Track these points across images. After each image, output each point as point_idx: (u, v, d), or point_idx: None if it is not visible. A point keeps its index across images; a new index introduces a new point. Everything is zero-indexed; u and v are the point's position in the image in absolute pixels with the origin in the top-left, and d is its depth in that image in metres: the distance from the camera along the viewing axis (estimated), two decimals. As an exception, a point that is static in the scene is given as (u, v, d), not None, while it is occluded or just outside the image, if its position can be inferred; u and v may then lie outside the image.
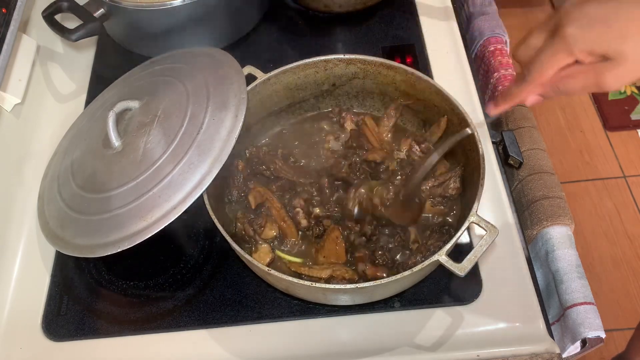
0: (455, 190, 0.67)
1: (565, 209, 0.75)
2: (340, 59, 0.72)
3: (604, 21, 0.43)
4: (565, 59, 0.46)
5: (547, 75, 0.48)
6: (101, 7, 0.84)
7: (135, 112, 0.69)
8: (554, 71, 0.48)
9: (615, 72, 0.45)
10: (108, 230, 0.61)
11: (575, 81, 0.47)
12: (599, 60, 0.45)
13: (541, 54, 0.48)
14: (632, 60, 0.44)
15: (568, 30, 0.44)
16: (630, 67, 0.44)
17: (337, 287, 0.55)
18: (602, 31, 0.44)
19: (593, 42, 0.44)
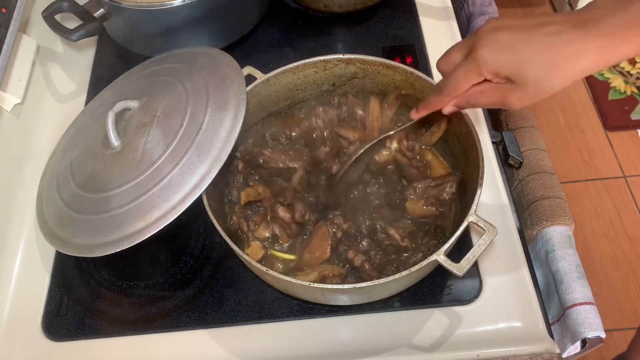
0: (449, 195, 0.67)
1: (565, 209, 0.75)
2: (340, 59, 0.72)
3: (512, 48, 0.48)
4: (475, 78, 0.52)
5: (460, 89, 0.54)
6: (101, 7, 0.84)
7: (134, 112, 0.69)
8: (466, 87, 0.54)
9: (517, 95, 0.50)
10: (107, 230, 0.61)
11: (484, 97, 0.53)
12: (505, 82, 0.50)
13: (456, 71, 0.53)
14: (532, 86, 0.49)
15: (480, 52, 0.50)
16: (530, 91, 0.49)
17: (336, 287, 0.55)
18: (509, 57, 0.48)
19: (500, 66, 0.49)
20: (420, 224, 0.68)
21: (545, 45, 0.47)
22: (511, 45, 0.48)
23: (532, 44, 0.47)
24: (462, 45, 0.54)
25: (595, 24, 0.46)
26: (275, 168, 0.70)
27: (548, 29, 0.47)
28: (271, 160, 0.70)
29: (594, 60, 0.46)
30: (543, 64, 0.47)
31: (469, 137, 0.65)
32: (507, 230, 0.71)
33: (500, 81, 0.51)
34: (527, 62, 0.48)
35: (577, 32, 0.46)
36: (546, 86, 0.49)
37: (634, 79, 1.96)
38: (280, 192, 0.69)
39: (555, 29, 0.47)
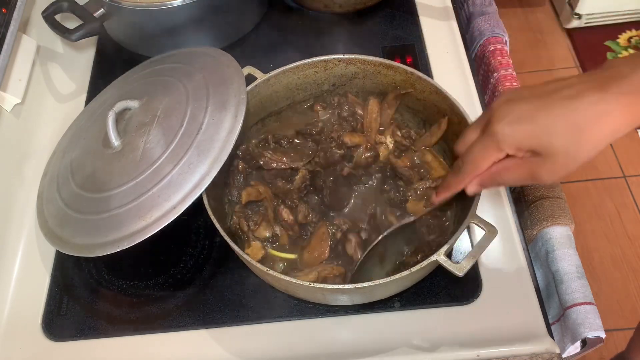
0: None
1: (565, 209, 0.75)
2: (340, 59, 0.72)
3: (531, 118, 0.45)
4: (495, 155, 0.48)
5: (480, 168, 0.50)
6: (101, 7, 0.84)
7: (134, 112, 0.69)
8: (487, 165, 0.49)
9: (547, 167, 0.46)
10: (107, 230, 0.61)
11: (512, 174, 0.49)
12: (531, 155, 0.46)
13: (473, 149, 0.50)
14: (561, 157, 0.45)
15: (496, 127, 0.46)
16: (561, 162, 0.45)
17: (336, 287, 0.55)
18: (529, 128, 0.45)
19: (521, 138, 0.46)
20: (422, 221, 0.68)
21: (566, 111, 0.44)
22: (529, 115, 0.45)
23: (552, 111, 0.44)
24: (477, 123, 0.51)
25: (617, 82, 0.43)
26: (277, 169, 0.70)
27: (566, 92, 0.44)
28: (272, 161, 0.70)
29: (622, 120, 0.43)
30: (568, 130, 0.44)
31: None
32: (507, 230, 0.71)
33: (525, 155, 0.47)
34: (550, 130, 0.44)
35: (598, 93, 0.43)
36: (576, 154, 0.44)
37: (634, 79, 1.96)
38: (284, 193, 0.69)
39: (574, 92, 0.44)
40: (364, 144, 0.72)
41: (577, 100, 0.43)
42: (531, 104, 0.45)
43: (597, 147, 0.44)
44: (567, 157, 0.45)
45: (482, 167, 0.50)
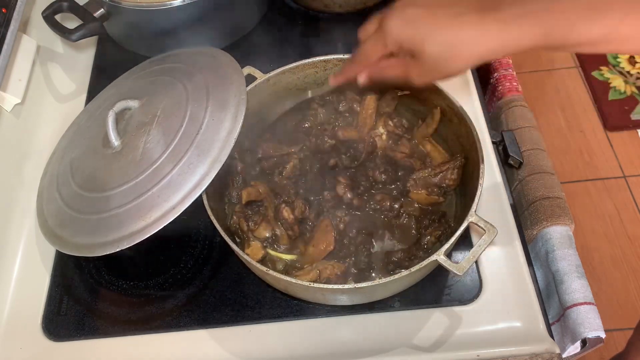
0: (452, 182, 0.67)
1: (565, 209, 0.75)
2: (340, 59, 0.72)
3: (415, 24, 0.51)
4: (382, 49, 0.54)
5: (370, 59, 0.56)
6: (101, 7, 0.84)
7: (134, 112, 0.69)
8: (375, 57, 0.56)
9: (417, 70, 0.53)
10: (107, 230, 0.61)
11: (391, 71, 0.55)
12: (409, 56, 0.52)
13: (366, 42, 0.56)
14: (430, 62, 0.51)
15: (387, 24, 0.52)
16: (428, 67, 0.51)
17: (336, 287, 0.55)
18: (411, 31, 0.51)
19: (402, 38, 0.52)
20: (426, 213, 0.68)
21: (446, 25, 0.49)
22: (415, 20, 0.51)
23: (434, 22, 0.50)
24: (378, 17, 0.56)
25: (495, 10, 0.47)
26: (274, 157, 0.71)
27: (453, 9, 0.49)
28: (269, 150, 0.71)
29: (491, 45, 0.48)
30: (441, 42, 0.49)
31: (469, 137, 0.65)
32: (507, 230, 0.71)
33: (405, 56, 0.53)
34: (427, 38, 0.50)
35: (478, 16, 0.48)
36: (443, 65, 0.50)
37: (634, 79, 1.96)
38: (281, 188, 0.69)
39: (459, 10, 0.49)
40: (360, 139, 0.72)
41: (458, 19, 0.49)
42: (422, 12, 0.51)
43: (463, 65, 0.50)
44: (434, 65, 0.51)
45: (371, 59, 0.56)
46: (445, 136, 0.72)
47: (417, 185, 0.69)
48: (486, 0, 0.49)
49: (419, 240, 0.66)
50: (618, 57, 2.02)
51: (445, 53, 0.50)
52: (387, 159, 0.72)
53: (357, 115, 0.75)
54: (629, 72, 1.98)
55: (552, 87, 1.98)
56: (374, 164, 0.72)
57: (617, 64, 2.00)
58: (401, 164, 0.71)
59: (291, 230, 0.67)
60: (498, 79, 0.92)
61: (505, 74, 0.91)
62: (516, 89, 0.91)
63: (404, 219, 0.68)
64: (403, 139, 0.73)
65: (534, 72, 2.02)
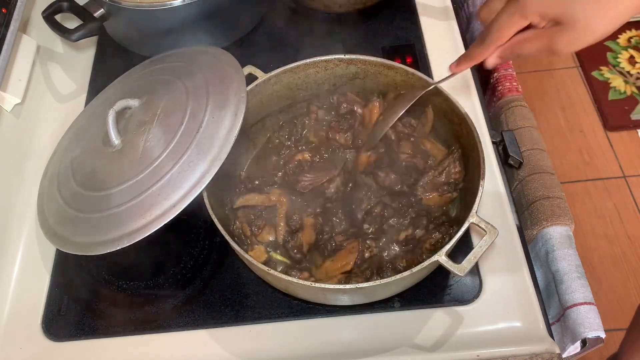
0: (458, 175, 0.67)
1: (565, 209, 0.75)
2: (340, 59, 0.72)
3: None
4: (520, 21, 0.49)
5: (505, 36, 0.51)
6: (101, 7, 0.84)
7: (135, 111, 0.69)
8: (511, 33, 0.51)
9: (565, 37, 0.48)
10: (107, 228, 0.61)
11: (531, 45, 0.50)
12: (552, 24, 0.48)
13: (499, 17, 0.51)
14: (581, 26, 0.47)
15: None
16: (580, 32, 0.47)
17: (337, 287, 0.55)
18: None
19: (545, 5, 0.47)
20: (435, 217, 0.67)
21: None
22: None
23: None
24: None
25: None
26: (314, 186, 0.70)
27: None
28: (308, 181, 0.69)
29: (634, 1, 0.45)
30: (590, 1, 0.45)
31: (469, 138, 0.65)
32: (507, 230, 0.71)
33: (546, 24, 0.48)
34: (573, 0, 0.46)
35: None
36: (594, 26, 0.46)
37: (634, 79, 1.96)
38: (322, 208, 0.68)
39: None
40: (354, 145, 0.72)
41: None
42: None
43: (612, 24, 0.46)
44: (586, 27, 0.46)
45: (506, 36, 0.51)
46: (446, 137, 0.72)
47: (427, 189, 0.68)
48: None
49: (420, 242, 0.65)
50: (618, 57, 2.02)
51: (595, 13, 0.46)
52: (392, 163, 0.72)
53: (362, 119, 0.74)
54: (629, 72, 1.98)
55: (552, 87, 1.99)
56: (384, 172, 0.70)
57: (617, 64, 2.00)
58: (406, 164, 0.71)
59: (299, 252, 0.66)
60: (498, 79, 0.92)
61: (505, 74, 0.91)
62: (516, 89, 0.91)
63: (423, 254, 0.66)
64: (403, 139, 0.73)
65: (534, 72, 2.02)
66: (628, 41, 2.06)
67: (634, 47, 2.05)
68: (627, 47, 2.05)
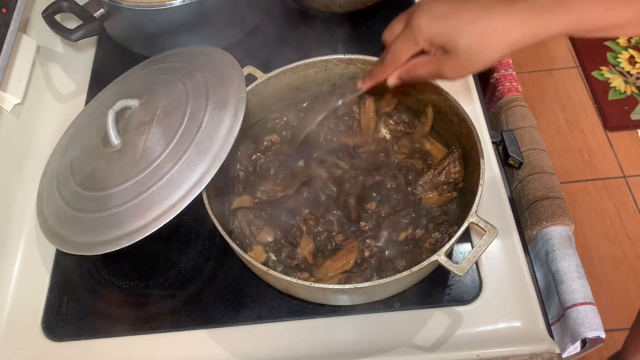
0: (457, 174, 0.67)
1: (565, 209, 0.75)
2: (340, 59, 0.72)
3: (444, 18, 0.51)
4: (412, 47, 0.54)
5: (400, 59, 0.56)
6: (101, 7, 0.84)
7: (134, 111, 0.69)
8: (406, 57, 0.55)
9: (449, 65, 0.52)
10: (107, 228, 0.61)
11: (423, 69, 0.55)
12: (441, 53, 0.52)
13: (396, 41, 0.56)
14: (463, 56, 0.51)
15: (415, 21, 0.52)
16: (462, 62, 0.51)
17: (336, 287, 0.55)
18: (441, 26, 0.51)
19: (433, 34, 0.51)
20: (435, 217, 0.67)
21: (475, 17, 0.49)
22: (444, 15, 0.51)
23: (463, 15, 0.50)
24: (403, 16, 0.56)
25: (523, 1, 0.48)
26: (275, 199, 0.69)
27: (481, 1, 0.50)
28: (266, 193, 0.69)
29: (520, 34, 0.48)
30: (472, 34, 0.49)
31: (469, 137, 0.65)
32: (507, 230, 0.71)
33: (436, 52, 0.53)
34: (457, 31, 0.50)
35: (507, 6, 0.48)
36: (476, 57, 0.50)
37: (634, 79, 1.96)
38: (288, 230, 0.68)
39: (487, 1, 0.49)
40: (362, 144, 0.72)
41: (488, 10, 0.49)
42: (449, 6, 0.51)
43: (495, 55, 0.50)
44: (467, 58, 0.51)
45: (402, 59, 0.56)
46: (446, 138, 0.72)
47: (426, 189, 0.68)
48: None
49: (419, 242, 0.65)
50: (618, 57, 2.02)
51: (477, 45, 0.50)
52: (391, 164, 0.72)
53: (359, 118, 0.75)
54: (629, 72, 1.98)
55: (552, 87, 1.98)
56: (381, 173, 0.70)
57: (617, 64, 2.00)
58: (403, 165, 0.71)
59: (291, 259, 0.66)
60: (498, 79, 0.92)
61: (505, 74, 0.91)
62: (516, 89, 0.91)
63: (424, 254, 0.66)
64: (403, 139, 0.73)
65: (534, 72, 2.02)
66: (628, 41, 2.06)
67: (634, 47, 2.05)
68: (627, 47, 2.05)
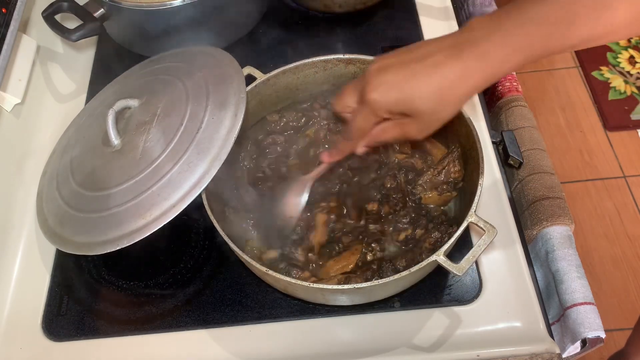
0: (457, 174, 0.67)
1: (565, 209, 0.75)
2: (340, 59, 0.72)
3: (398, 87, 0.51)
4: (373, 119, 0.55)
5: (365, 132, 0.57)
6: (101, 7, 0.84)
7: (134, 111, 0.69)
8: (369, 128, 0.56)
9: (415, 127, 0.53)
10: (107, 228, 0.61)
11: (388, 134, 0.56)
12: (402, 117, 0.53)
13: (356, 118, 0.56)
14: (426, 117, 0.52)
15: (370, 96, 0.52)
16: (426, 121, 0.52)
17: (336, 288, 0.55)
18: (397, 96, 0.51)
19: (391, 105, 0.52)
20: (434, 217, 0.67)
21: (428, 77, 0.49)
22: (396, 85, 0.51)
23: (417, 79, 0.50)
24: (353, 88, 0.56)
25: (471, 47, 0.48)
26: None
27: (427, 61, 0.49)
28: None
29: (476, 81, 0.49)
30: (429, 95, 0.50)
31: (469, 137, 0.65)
32: (507, 230, 0.71)
33: (398, 117, 0.53)
34: (415, 96, 0.50)
35: (455, 60, 0.48)
36: (439, 114, 0.51)
37: (634, 79, 1.96)
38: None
39: (434, 60, 0.49)
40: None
41: (437, 68, 0.49)
42: (399, 73, 0.51)
43: (457, 106, 0.51)
44: (432, 116, 0.52)
45: (366, 132, 0.57)
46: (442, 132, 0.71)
47: (426, 189, 0.69)
48: (455, 38, 0.50)
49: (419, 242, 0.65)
50: (618, 57, 2.02)
51: (437, 103, 0.50)
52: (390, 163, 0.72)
53: None
54: (629, 72, 1.98)
55: (552, 87, 1.99)
56: (381, 173, 0.70)
57: (617, 64, 2.00)
58: (403, 165, 0.71)
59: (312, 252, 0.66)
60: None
61: (505, 74, 0.91)
62: (516, 89, 0.91)
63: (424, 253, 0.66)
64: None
65: (534, 72, 2.02)
66: (628, 41, 2.06)
67: (634, 47, 2.05)
68: (627, 47, 2.05)
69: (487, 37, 0.48)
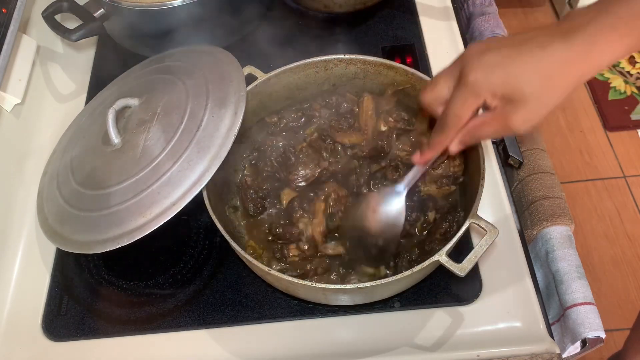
0: (457, 167, 0.67)
1: (565, 209, 0.75)
2: (340, 59, 0.72)
3: (503, 66, 0.47)
4: (474, 103, 0.50)
5: (462, 120, 0.52)
6: (101, 7, 0.84)
7: (134, 110, 0.69)
8: (468, 115, 0.51)
9: (520, 115, 0.48)
10: (107, 227, 0.61)
11: (488, 127, 0.51)
12: (505, 104, 0.48)
13: (453, 102, 0.51)
14: (532, 101, 0.47)
15: (471, 76, 0.48)
16: (533, 107, 0.48)
17: (337, 287, 0.55)
18: (502, 75, 0.47)
19: (495, 84, 0.48)
20: (439, 208, 0.68)
21: (534, 59, 0.46)
22: (501, 64, 0.47)
23: (522, 59, 0.47)
24: (448, 74, 0.52)
25: (578, 32, 0.45)
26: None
27: (533, 43, 0.47)
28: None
29: (584, 67, 0.46)
30: (538, 77, 0.46)
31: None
32: (507, 230, 0.71)
33: (499, 104, 0.49)
34: (521, 77, 0.47)
35: (562, 43, 0.46)
36: (547, 100, 0.47)
37: (634, 79, 1.96)
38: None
39: (541, 41, 0.46)
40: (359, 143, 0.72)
41: (544, 50, 0.46)
42: (503, 53, 0.47)
43: (565, 93, 0.47)
44: (538, 102, 0.47)
45: (464, 118, 0.51)
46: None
47: (425, 182, 0.69)
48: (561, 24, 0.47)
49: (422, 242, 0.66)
50: (618, 57, 2.02)
51: (546, 87, 0.47)
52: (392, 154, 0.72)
53: (357, 117, 0.75)
54: (629, 72, 1.98)
55: (552, 87, 1.98)
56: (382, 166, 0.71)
57: (617, 64, 2.00)
58: (405, 162, 0.71)
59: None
60: (498, 79, 0.91)
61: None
62: (516, 89, 0.91)
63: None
64: (403, 137, 0.73)
65: (534, 72, 2.02)
66: (628, 41, 2.06)
67: (634, 47, 2.05)
68: (627, 47, 2.05)
69: (595, 21, 0.45)
